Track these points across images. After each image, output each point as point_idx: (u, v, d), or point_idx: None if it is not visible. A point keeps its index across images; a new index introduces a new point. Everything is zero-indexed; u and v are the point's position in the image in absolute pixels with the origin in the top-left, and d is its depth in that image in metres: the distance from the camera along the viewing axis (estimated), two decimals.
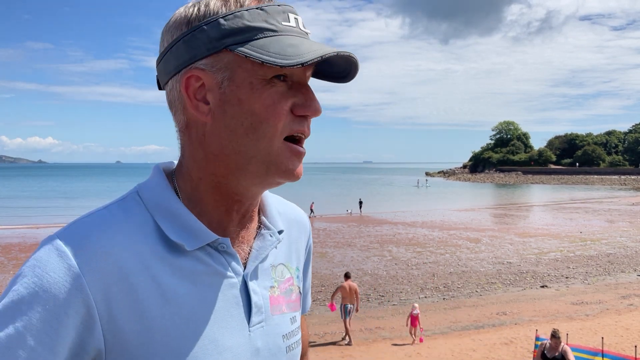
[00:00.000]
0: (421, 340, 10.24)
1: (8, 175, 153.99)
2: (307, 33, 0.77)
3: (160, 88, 0.81)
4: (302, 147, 0.77)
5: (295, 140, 0.76)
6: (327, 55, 0.70)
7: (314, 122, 0.79)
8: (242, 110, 0.72)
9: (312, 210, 33.47)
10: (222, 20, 0.72)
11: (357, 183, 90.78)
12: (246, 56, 0.70)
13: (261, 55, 0.69)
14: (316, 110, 0.76)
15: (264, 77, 0.72)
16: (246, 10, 0.72)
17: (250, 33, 0.71)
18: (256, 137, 0.73)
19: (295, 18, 0.75)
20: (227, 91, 0.73)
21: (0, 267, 16.92)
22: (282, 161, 0.75)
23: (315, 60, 0.69)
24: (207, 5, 0.74)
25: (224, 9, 0.73)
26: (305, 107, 0.75)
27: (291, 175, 0.76)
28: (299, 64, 0.68)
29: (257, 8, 0.73)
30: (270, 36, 0.72)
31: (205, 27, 0.72)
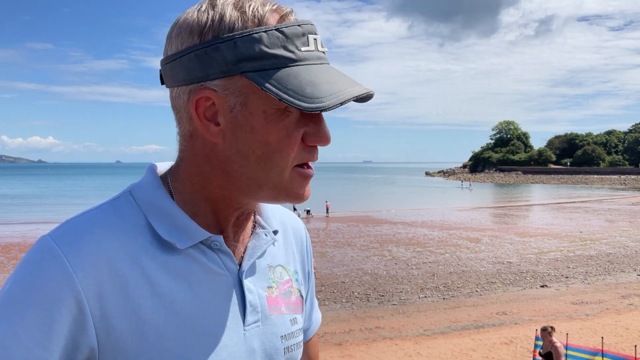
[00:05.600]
0: None
1: (8, 174, 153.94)
2: (324, 53, 0.74)
3: (162, 83, 0.78)
4: (310, 168, 0.76)
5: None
6: (346, 102, 0.67)
7: None
8: (254, 138, 0.70)
9: (327, 210, 33.61)
10: (238, 42, 0.67)
11: (363, 182, 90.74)
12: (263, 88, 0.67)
13: (279, 93, 0.66)
14: (327, 139, 0.74)
15: (278, 107, 0.69)
16: (265, 31, 0.67)
17: (268, 61, 0.67)
18: (268, 166, 0.71)
19: (314, 39, 0.72)
20: (240, 116, 0.70)
21: (0, 266, 16.94)
22: (293, 187, 0.74)
23: (335, 108, 0.66)
24: (222, 16, 0.69)
25: (239, 23, 0.68)
26: (316, 138, 0.73)
27: (300, 199, 0.76)
28: (317, 110, 0.66)
29: (276, 29, 0.68)
30: (289, 66, 0.68)
31: (220, 45, 0.68)
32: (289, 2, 0.75)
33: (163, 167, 0.84)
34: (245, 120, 0.70)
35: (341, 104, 0.66)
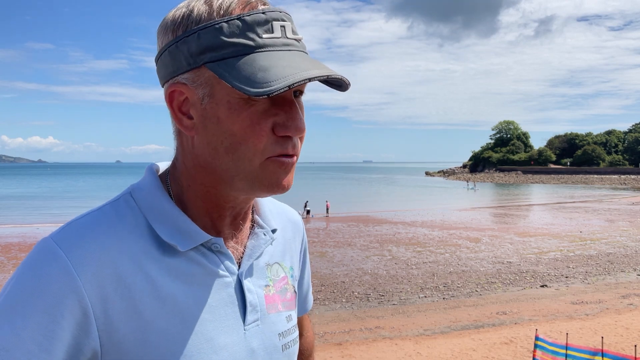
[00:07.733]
0: None
1: (8, 174, 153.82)
2: (297, 40, 0.72)
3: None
4: (290, 157, 0.73)
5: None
6: (296, 84, 0.65)
7: (314, 121, 0.77)
8: (221, 129, 0.70)
9: (327, 210, 33.60)
10: (201, 33, 0.69)
11: (363, 182, 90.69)
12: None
13: (232, 80, 0.66)
14: (297, 130, 0.71)
15: (241, 97, 0.69)
16: (226, 21, 0.68)
17: (227, 50, 0.68)
18: (237, 157, 0.71)
19: (281, 26, 0.70)
20: (208, 108, 0.71)
21: (0, 266, 16.93)
22: (266, 177, 0.73)
23: (282, 90, 0.64)
24: (192, 11, 0.71)
25: (205, 16, 0.70)
26: (285, 128, 0.71)
27: (277, 189, 0.74)
28: (264, 95, 0.64)
29: (237, 18, 0.68)
30: (247, 54, 0.68)
31: (187, 39, 0.70)
32: (289, 2, 0.75)
33: (163, 166, 0.84)
34: (212, 111, 0.71)
35: (289, 86, 0.65)
